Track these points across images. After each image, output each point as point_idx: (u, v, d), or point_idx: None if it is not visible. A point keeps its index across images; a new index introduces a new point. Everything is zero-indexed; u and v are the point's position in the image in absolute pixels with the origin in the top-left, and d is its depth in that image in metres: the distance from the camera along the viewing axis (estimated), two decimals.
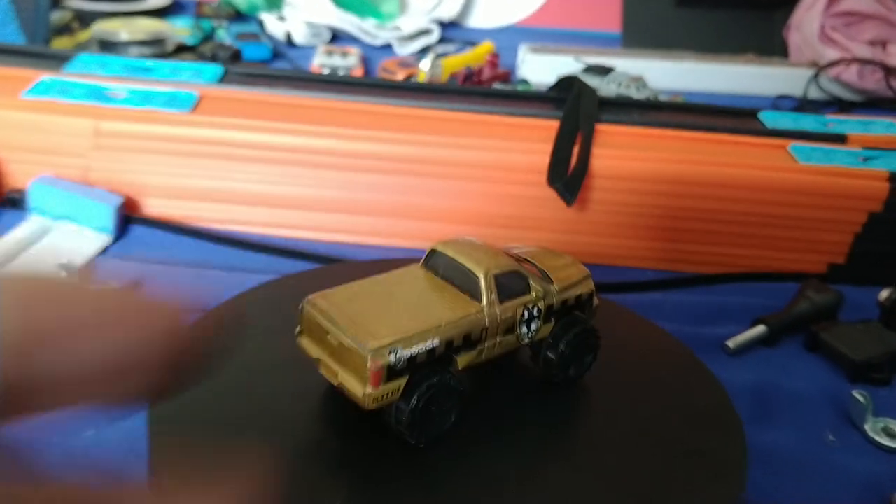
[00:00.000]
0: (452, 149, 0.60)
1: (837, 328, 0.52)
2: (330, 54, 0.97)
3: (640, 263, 0.61)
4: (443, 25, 1.15)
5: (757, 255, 0.61)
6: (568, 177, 0.58)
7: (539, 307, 0.38)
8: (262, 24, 1.07)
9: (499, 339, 0.37)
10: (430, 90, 0.69)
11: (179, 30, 0.99)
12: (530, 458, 0.36)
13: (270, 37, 1.04)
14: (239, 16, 1.10)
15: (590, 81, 0.76)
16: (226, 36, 1.02)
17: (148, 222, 0.59)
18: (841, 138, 0.65)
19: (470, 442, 0.36)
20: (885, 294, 0.54)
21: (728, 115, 0.68)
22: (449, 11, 1.17)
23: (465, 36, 1.14)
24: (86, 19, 0.99)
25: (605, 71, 0.86)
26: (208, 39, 1.01)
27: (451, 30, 1.17)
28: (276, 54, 1.00)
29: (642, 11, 1.12)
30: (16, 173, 0.60)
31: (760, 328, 0.52)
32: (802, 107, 0.95)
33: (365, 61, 0.99)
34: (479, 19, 1.22)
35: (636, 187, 0.59)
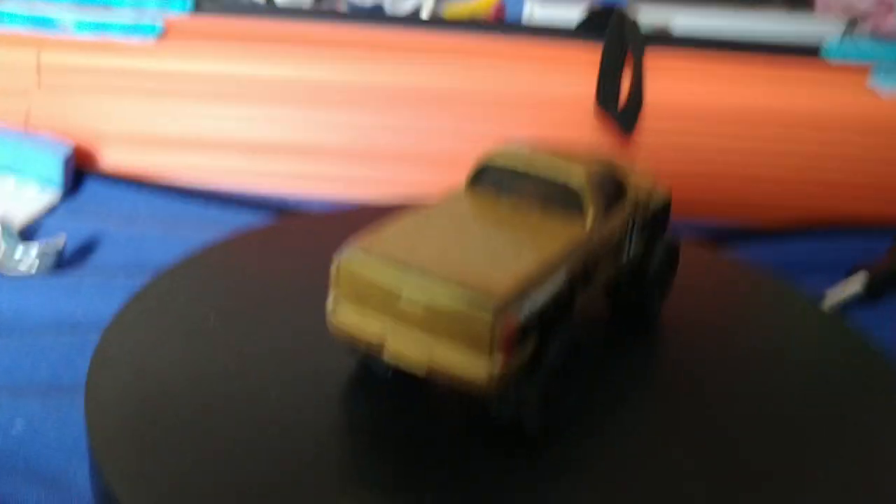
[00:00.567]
0: (471, 80, 0.54)
1: None
2: None
3: (704, 211, 0.54)
4: None
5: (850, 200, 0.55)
6: (623, 107, 0.52)
7: (637, 218, 0.30)
8: None
9: (606, 265, 0.29)
10: (432, 22, 0.63)
11: None
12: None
13: None
14: None
15: None
16: None
17: (103, 175, 0.54)
18: None
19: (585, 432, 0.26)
20: None
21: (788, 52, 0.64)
22: None
23: None
24: None
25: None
26: None
27: None
28: None
29: None
30: None
31: (860, 277, 0.44)
32: None
33: None
34: None
35: (694, 127, 0.54)
